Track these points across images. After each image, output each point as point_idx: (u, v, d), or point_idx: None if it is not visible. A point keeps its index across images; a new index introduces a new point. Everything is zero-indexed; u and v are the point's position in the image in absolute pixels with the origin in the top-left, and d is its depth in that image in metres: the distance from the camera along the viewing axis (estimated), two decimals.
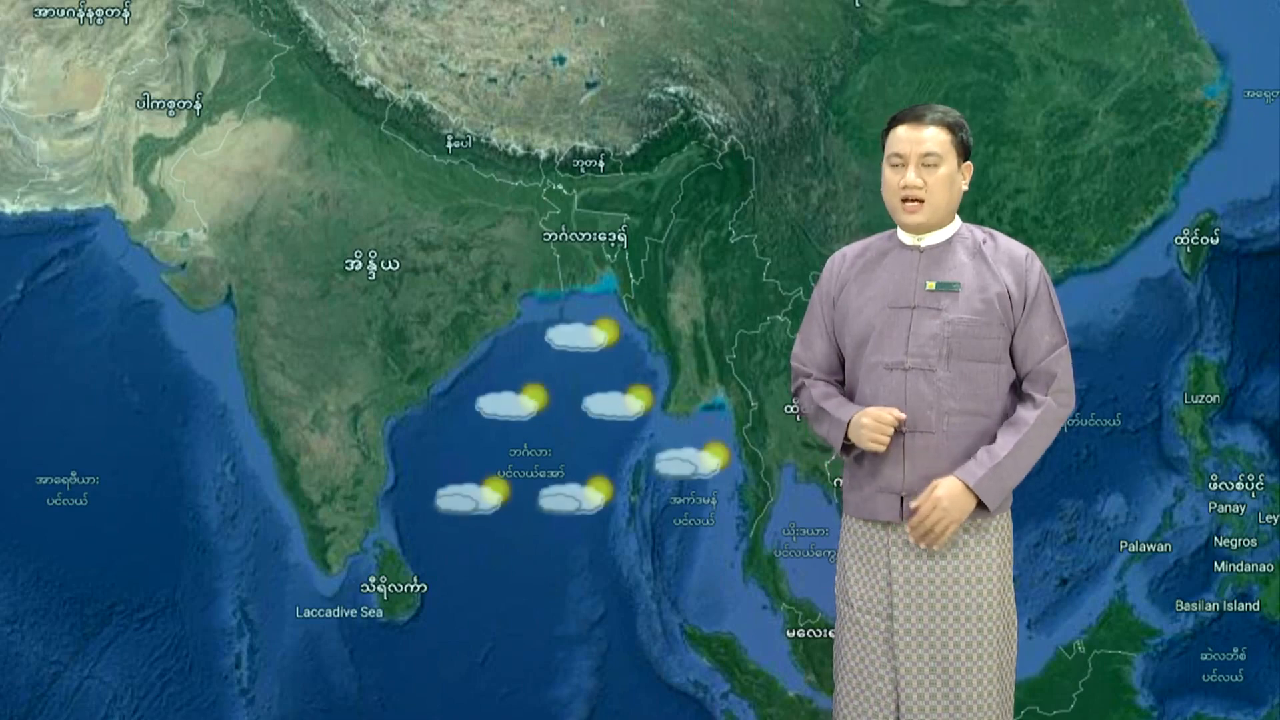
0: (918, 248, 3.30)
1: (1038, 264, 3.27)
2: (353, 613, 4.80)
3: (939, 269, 3.26)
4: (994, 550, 3.23)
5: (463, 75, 4.78)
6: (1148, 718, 4.76)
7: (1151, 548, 4.75)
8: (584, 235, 4.75)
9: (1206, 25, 4.71)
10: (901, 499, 3.25)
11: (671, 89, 4.76)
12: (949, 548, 3.21)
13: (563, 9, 4.76)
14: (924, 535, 3.18)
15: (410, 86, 4.77)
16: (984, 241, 3.30)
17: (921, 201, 3.25)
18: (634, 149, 4.76)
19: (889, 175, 3.30)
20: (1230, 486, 4.73)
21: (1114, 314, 4.73)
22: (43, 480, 4.75)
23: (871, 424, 3.20)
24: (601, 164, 4.76)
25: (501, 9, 4.77)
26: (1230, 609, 4.74)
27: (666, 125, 4.76)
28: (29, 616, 4.80)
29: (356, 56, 4.77)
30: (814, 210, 4.76)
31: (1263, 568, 4.74)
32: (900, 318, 3.26)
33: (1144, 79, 4.73)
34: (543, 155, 4.76)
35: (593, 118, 4.76)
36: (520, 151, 4.76)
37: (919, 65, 4.74)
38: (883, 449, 3.21)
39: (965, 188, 3.31)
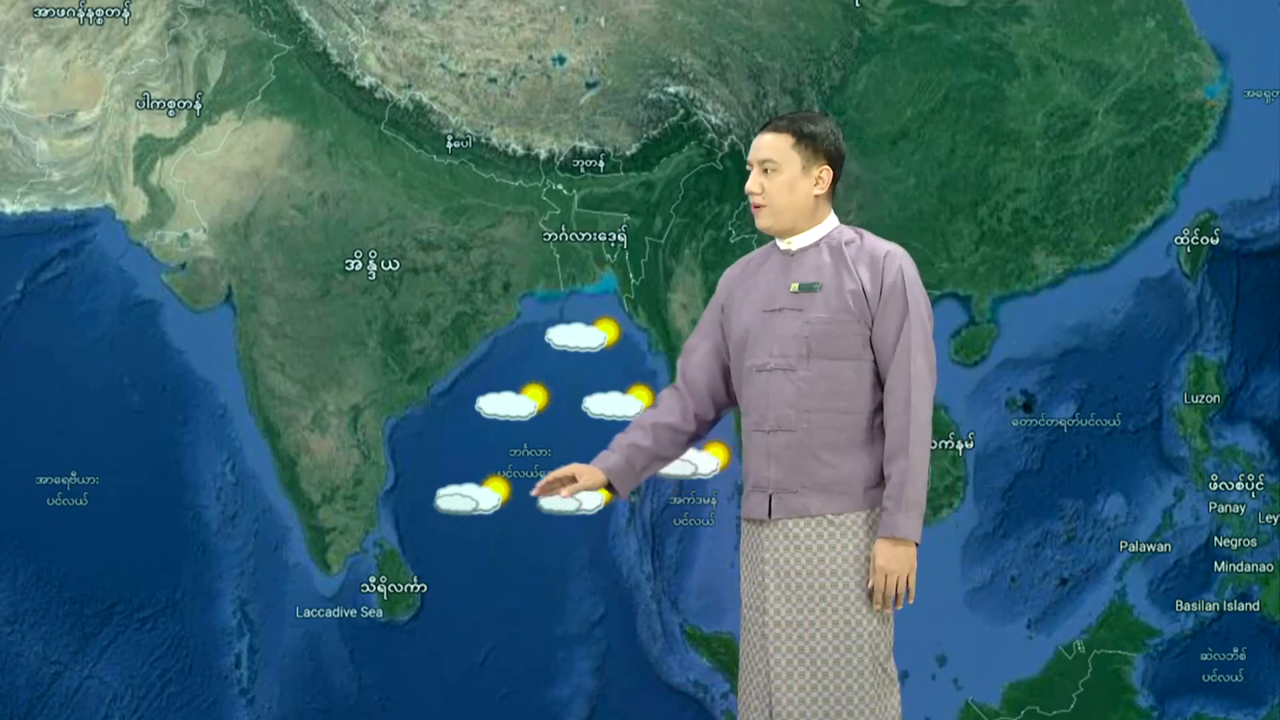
0: (789, 251, 3.35)
1: (897, 263, 3.29)
2: (353, 613, 4.80)
3: (803, 270, 3.33)
4: (861, 543, 3.26)
5: (463, 75, 4.78)
6: (1148, 718, 4.76)
7: (1151, 548, 4.75)
8: (584, 235, 4.75)
9: (1206, 25, 4.71)
10: (770, 497, 3.30)
11: (671, 89, 4.76)
12: (816, 540, 3.25)
13: (563, 9, 4.76)
14: (895, 600, 3.25)
15: (410, 86, 4.77)
16: (849, 241, 3.36)
17: (761, 205, 3.30)
18: (634, 149, 4.77)
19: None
20: (1230, 486, 4.73)
21: (1114, 314, 4.73)
22: (43, 480, 4.75)
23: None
24: (601, 164, 4.76)
25: (501, 9, 4.77)
26: (1230, 609, 4.74)
27: (666, 125, 4.76)
28: (29, 616, 4.80)
29: (356, 56, 4.77)
30: None
31: (1263, 568, 4.74)
32: (770, 321, 3.33)
33: (1144, 79, 4.73)
34: (543, 155, 4.76)
35: (593, 118, 4.76)
36: (520, 151, 4.76)
37: (919, 65, 4.74)
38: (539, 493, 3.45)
39: (820, 191, 3.34)
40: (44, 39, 4.78)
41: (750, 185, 3.31)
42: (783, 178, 3.31)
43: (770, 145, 3.31)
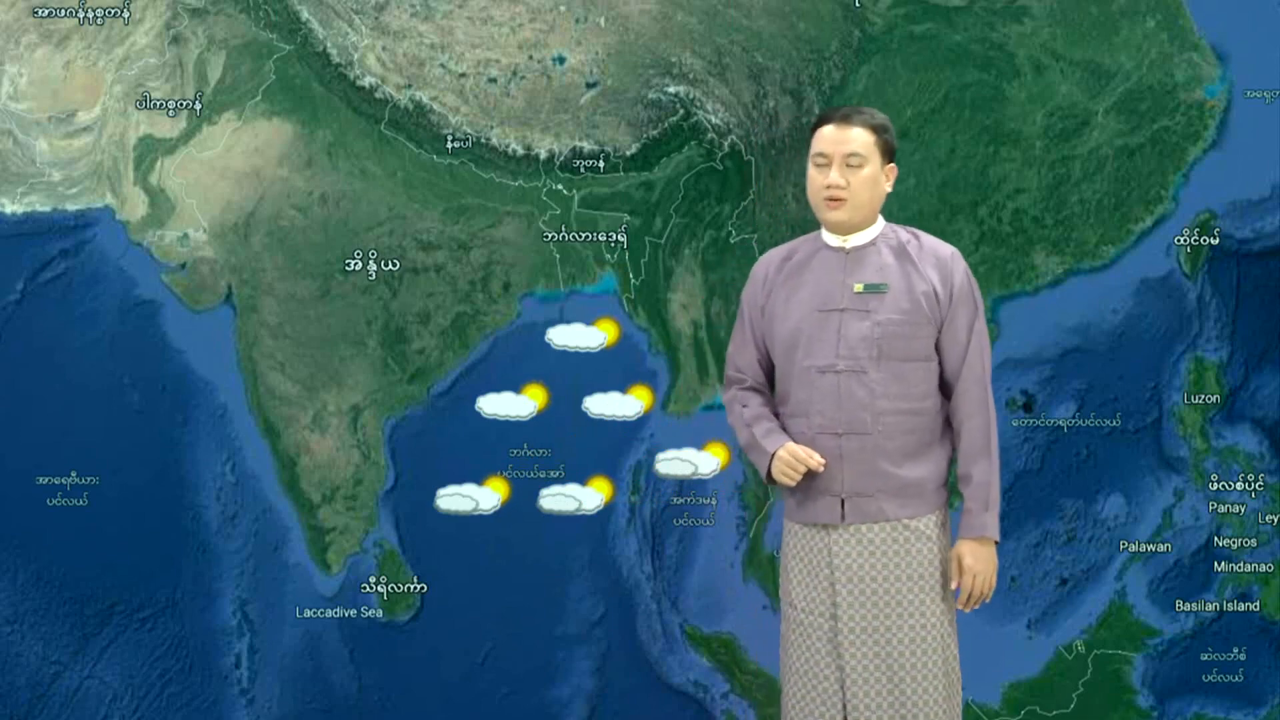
0: (843, 249, 3.34)
1: (962, 263, 3.34)
2: (353, 613, 4.80)
3: (865, 270, 3.31)
4: (934, 546, 3.28)
5: (463, 75, 4.78)
6: (1148, 718, 4.76)
7: (1151, 548, 4.75)
8: (584, 235, 4.75)
9: (1206, 25, 4.71)
10: (842, 501, 3.28)
11: (671, 89, 4.76)
12: (892, 544, 3.26)
13: (563, 9, 4.76)
14: (976, 601, 3.33)
15: (410, 86, 4.77)
16: (909, 241, 3.36)
17: (844, 200, 3.28)
18: (634, 149, 4.77)
19: (813, 174, 3.35)
20: (1230, 486, 4.73)
21: (1114, 314, 4.73)
22: (43, 480, 4.75)
23: (787, 458, 3.27)
24: (601, 164, 4.76)
25: (501, 9, 4.77)
26: (1230, 609, 4.74)
27: (666, 125, 4.76)
28: (29, 616, 4.80)
29: (356, 56, 4.77)
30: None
31: (1263, 568, 4.74)
32: (830, 321, 3.29)
33: (1144, 79, 4.73)
34: (543, 155, 4.76)
35: (593, 118, 4.76)
36: (520, 151, 4.77)
37: (919, 65, 4.74)
38: (792, 484, 3.28)
39: (889, 189, 3.36)
40: (44, 39, 4.78)
41: (835, 179, 3.29)
42: (867, 173, 3.30)
43: (858, 139, 3.28)
